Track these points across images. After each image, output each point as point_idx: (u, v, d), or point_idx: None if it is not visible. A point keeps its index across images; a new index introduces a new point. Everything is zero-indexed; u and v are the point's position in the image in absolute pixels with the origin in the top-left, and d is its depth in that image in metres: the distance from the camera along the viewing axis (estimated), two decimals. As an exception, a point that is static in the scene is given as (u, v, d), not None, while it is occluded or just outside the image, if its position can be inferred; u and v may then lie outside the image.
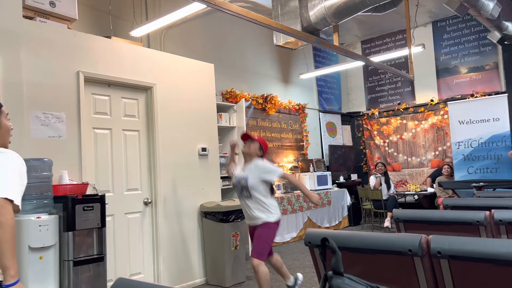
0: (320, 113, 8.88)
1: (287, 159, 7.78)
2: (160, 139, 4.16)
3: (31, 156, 3.08)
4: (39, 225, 2.81)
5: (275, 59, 7.91)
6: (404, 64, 8.67)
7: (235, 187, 3.51)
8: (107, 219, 3.48)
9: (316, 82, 8.93)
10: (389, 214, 6.70)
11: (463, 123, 7.18)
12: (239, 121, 5.93)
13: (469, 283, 1.34)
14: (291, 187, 7.12)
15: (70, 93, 3.50)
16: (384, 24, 8.45)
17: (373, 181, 7.18)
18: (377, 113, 9.15)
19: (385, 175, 7.26)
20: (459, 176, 7.12)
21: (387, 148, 9.03)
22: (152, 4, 5.55)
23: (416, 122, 8.63)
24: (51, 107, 3.35)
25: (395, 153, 8.91)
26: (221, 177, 4.99)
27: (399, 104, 8.90)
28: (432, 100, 8.40)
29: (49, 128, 3.33)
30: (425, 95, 8.55)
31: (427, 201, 7.63)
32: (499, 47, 7.59)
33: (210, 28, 6.51)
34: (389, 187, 7.16)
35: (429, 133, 8.45)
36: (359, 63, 7.23)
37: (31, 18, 3.42)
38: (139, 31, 4.66)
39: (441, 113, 8.26)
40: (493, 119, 6.91)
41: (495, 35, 5.98)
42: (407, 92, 8.86)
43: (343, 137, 9.42)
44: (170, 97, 4.31)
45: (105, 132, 3.83)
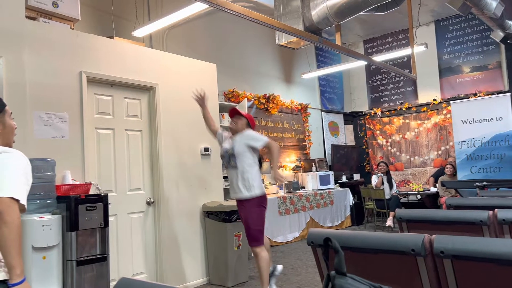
0: (322, 112, 8.87)
1: (290, 159, 7.78)
2: (162, 139, 4.16)
3: (34, 156, 3.09)
4: (42, 225, 2.82)
5: (277, 59, 7.91)
6: (406, 63, 8.65)
7: (223, 158, 3.61)
8: (110, 219, 3.49)
9: (318, 81, 8.93)
10: (392, 213, 6.69)
11: (466, 123, 7.17)
12: (242, 121, 5.91)
13: (472, 283, 1.34)
14: (293, 187, 7.13)
15: (72, 93, 3.51)
16: (386, 23, 8.43)
17: (375, 180, 7.18)
18: (379, 113, 9.13)
19: (387, 174, 7.24)
20: (462, 175, 7.10)
21: (389, 147, 9.01)
22: (154, 4, 5.56)
23: (418, 121, 8.61)
24: (54, 107, 3.36)
25: (398, 153, 8.89)
26: (224, 177, 4.99)
27: (401, 103, 8.88)
28: (434, 99, 8.37)
29: (52, 128, 3.34)
30: (427, 94, 8.53)
31: (430, 200, 7.62)
32: (502, 46, 7.57)
33: (212, 28, 6.52)
34: (391, 187, 7.14)
35: (432, 132, 8.43)
36: (362, 63, 7.22)
37: (34, 18, 3.43)
38: (141, 31, 4.67)
39: (444, 112, 8.24)
40: (496, 118, 6.89)
41: (498, 34, 5.96)
42: (410, 91, 8.84)
43: (346, 136, 9.41)
44: (172, 97, 4.32)
45: (107, 132, 3.84)
